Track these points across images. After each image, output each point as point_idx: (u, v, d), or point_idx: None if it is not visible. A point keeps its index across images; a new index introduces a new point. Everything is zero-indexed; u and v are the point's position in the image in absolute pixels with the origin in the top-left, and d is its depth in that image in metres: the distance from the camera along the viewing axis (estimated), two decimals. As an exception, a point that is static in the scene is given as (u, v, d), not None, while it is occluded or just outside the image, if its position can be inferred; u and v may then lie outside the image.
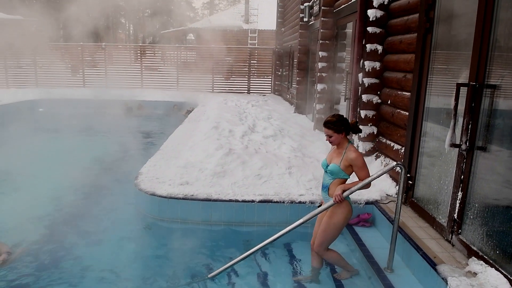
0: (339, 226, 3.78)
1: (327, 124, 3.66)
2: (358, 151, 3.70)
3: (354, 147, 3.74)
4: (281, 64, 17.83)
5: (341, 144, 3.71)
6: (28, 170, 7.72)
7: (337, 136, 3.66)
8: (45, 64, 19.05)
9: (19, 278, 4.14)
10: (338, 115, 3.75)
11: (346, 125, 3.68)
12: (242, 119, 10.08)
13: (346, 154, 3.66)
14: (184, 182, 5.54)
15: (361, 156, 3.67)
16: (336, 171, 3.70)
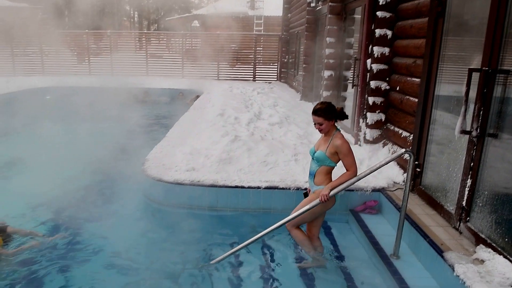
0: (316, 212, 3.82)
1: (318, 111, 3.64)
2: (344, 138, 3.68)
3: (341, 134, 3.73)
4: (287, 51, 17.67)
5: (329, 131, 3.71)
6: (36, 157, 7.75)
7: (327, 123, 3.66)
8: (51, 52, 19.02)
9: (28, 260, 4.19)
10: (327, 102, 3.74)
11: (335, 112, 3.69)
12: (248, 106, 10.02)
13: (332, 141, 3.66)
14: (191, 168, 5.53)
15: (346, 143, 3.66)
16: (322, 158, 3.71)
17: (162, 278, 3.96)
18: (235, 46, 19.24)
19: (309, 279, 3.91)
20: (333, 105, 3.71)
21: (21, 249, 4.29)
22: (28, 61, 19.14)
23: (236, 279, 3.93)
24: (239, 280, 3.91)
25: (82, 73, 18.80)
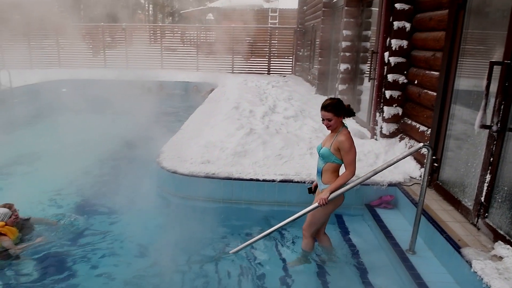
0: (328, 212, 3.78)
1: (327, 107, 3.55)
2: (349, 135, 3.59)
3: (348, 131, 3.64)
4: (302, 44, 17.53)
5: (336, 128, 3.63)
6: (52, 148, 7.88)
7: (336, 119, 3.57)
8: (67, 45, 19.21)
9: (46, 248, 4.28)
10: (336, 98, 3.65)
11: (344, 108, 3.60)
12: (263, 99, 10.00)
13: (337, 137, 3.59)
14: (205, 161, 5.55)
15: (350, 140, 3.56)
16: (326, 154, 3.64)
17: (175, 268, 4.00)
18: (249, 39, 19.16)
19: (324, 273, 3.90)
20: (342, 101, 3.63)
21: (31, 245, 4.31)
22: (44, 54, 19.37)
23: (252, 270, 3.95)
24: (255, 271, 3.93)
25: (98, 66, 18.97)
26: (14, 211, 4.47)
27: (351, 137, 3.59)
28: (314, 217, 3.80)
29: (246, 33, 19.10)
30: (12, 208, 4.47)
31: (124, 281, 3.81)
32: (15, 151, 7.71)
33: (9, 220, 4.37)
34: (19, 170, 6.79)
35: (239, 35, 18.91)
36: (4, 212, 4.36)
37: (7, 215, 4.37)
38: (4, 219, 4.33)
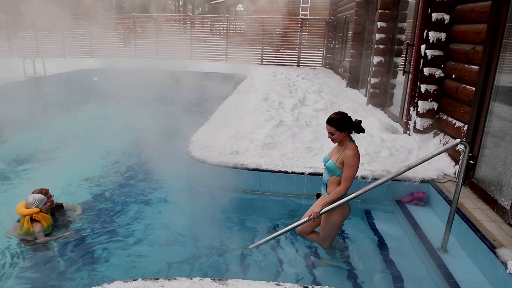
0: (337, 224, 3.81)
1: (330, 121, 3.59)
2: (356, 150, 3.58)
3: (355, 146, 3.62)
4: (334, 36, 17.28)
5: (343, 141, 3.64)
6: (83, 135, 8.06)
7: (339, 134, 3.58)
8: (99, 35, 19.58)
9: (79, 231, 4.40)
10: (342, 113, 3.64)
11: (349, 123, 3.60)
12: (292, 91, 9.92)
13: (344, 151, 3.59)
14: (234, 151, 5.56)
15: (356, 157, 3.55)
16: (332, 168, 3.65)
17: (198, 258, 4.02)
18: (279, 30, 19.01)
19: (351, 267, 3.85)
20: (348, 117, 3.63)
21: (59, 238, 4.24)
22: (77, 43, 19.81)
23: (273, 265, 3.92)
24: (276, 266, 3.89)
25: (128, 56, 19.26)
26: (49, 197, 4.43)
27: (359, 154, 3.59)
28: (326, 231, 3.87)
29: (276, 24, 18.95)
30: (48, 194, 4.43)
31: (147, 268, 3.86)
32: (48, 137, 7.94)
33: (44, 207, 4.31)
34: (51, 155, 6.99)
35: (269, 26, 18.78)
36: (39, 199, 4.29)
37: (42, 201, 4.29)
38: (39, 205, 4.26)
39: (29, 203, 4.25)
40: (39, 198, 4.30)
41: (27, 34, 19.55)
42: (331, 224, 3.79)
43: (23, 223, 4.19)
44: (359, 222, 4.71)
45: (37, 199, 4.28)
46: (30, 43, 19.51)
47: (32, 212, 4.19)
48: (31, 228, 4.17)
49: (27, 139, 7.90)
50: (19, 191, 5.40)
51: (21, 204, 4.31)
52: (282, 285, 2.54)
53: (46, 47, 19.29)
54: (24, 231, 4.18)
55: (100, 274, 3.74)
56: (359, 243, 4.27)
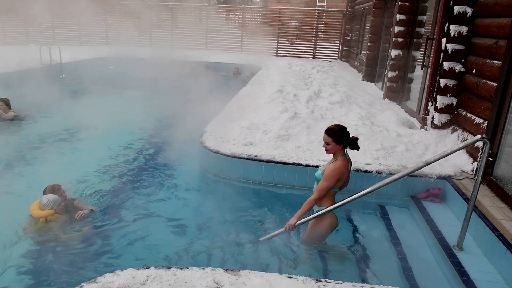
0: (322, 234, 3.85)
1: (329, 131, 3.64)
2: (341, 166, 3.61)
3: (345, 161, 3.66)
4: (350, 29, 17.06)
5: (336, 154, 3.69)
6: (99, 124, 8.09)
7: (334, 145, 3.63)
8: (115, 23, 19.64)
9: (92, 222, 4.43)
10: (341, 126, 3.70)
11: (346, 138, 3.65)
12: (307, 84, 9.82)
13: (330, 164, 3.67)
14: (248, 142, 5.53)
15: (337, 170, 3.59)
16: (318, 178, 3.73)
17: (208, 248, 4.03)
18: (295, 21, 18.83)
19: (362, 263, 3.81)
20: (347, 132, 3.68)
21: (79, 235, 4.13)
22: (92, 31, 19.89)
23: (285, 257, 3.90)
24: (287, 259, 3.87)
25: (143, 45, 19.30)
26: (62, 193, 4.33)
27: (341, 170, 3.61)
28: (310, 238, 3.90)
29: (292, 15, 18.77)
30: (60, 191, 4.32)
31: (159, 257, 3.88)
32: (63, 124, 7.98)
33: (59, 208, 4.18)
34: (66, 142, 7.04)
35: (285, 17, 18.61)
36: (54, 200, 4.15)
37: (56, 202, 4.16)
38: (54, 206, 4.13)
39: (43, 204, 4.10)
40: (53, 199, 4.15)
41: (44, 21, 19.72)
42: (316, 233, 3.84)
43: (36, 222, 4.08)
44: (373, 217, 4.67)
45: (51, 200, 4.13)
46: (47, 30, 19.68)
47: (47, 214, 4.07)
48: (46, 227, 4.06)
49: (43, 126, 7.98)
50: (37, 177, 5.47)
51: (35, 205, 4.16)
52: (294, 277, 2.52)
53: (62, 35, 19.44)
54: (38, 228, 4.07)
55: (113, 262, 3.77)
56: (372, 238, 4.24)
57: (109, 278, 2.40)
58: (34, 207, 4.13)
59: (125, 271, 2.46)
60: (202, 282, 2.40)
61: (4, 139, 7.05)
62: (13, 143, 6.86)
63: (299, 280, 2.49)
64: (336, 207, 3.65)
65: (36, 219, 4.07)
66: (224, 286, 2.39)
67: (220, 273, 2.50)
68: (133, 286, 2.34)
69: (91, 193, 5.07)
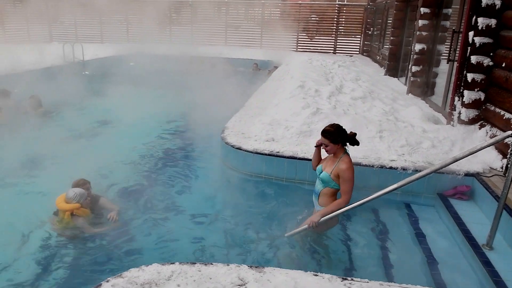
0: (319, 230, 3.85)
1: (325, 133, 3.68)
2: (350, 163, 3.66)
3: (349, 158, 3.70)
4: (372, 23, 16.80)
5: (337, 153, 3.72)
6: (122, 120, 8.20)
7: (333, 146, 3.66)
8: (135, 20, 19.82)
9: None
10: (336, 125, 3.73)
11: (343, 136, 3.69)
12: (329, 79, 9.72)
13: (338, 164, 3.67)
14: (270, 138, 5.50)
15: (351, 169, 3.63)
16: (326, 179, 3.73)
17: (231, 244, 4.02)
18: (315, 16, 18.65)
19: (388, 262, 3.74)
20: (343, 129, 3.71)
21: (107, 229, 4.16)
22: (114, 29, 20.13)
23: (309, 253, 3.87)
24: (312, 256, 3.84)
25: (164, 42, 19.42)
26: (87, 189, 4.31)
27: (352, 166, 3.67)
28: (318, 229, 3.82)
29: (312, 10, 18.59)
30: (86, 185, 4.31)
31: (182, 252, 3.90)
32: (87, 121, 8.13)
33: (85, 202, 4.17)
34: (90, 139, 7.16)
35: (305, 12, 18.44)
36: (80, 193, 4.14)
37: (83, 196, 4.15)
38: (80, 200, 4.12)
39: (69, 198, 4.09)
40: (80, 193, 4.14)
41: (66, 20, 20.06)
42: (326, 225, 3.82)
43: (63, 217, 4.08)
44: (398, 214, 4.58)
45: (78, 193, 4.13)
46: (69, 29, 20.02)
47: (73, 208, 4.07)
48: (71, 222, 4.06)
49: (70, 121, 8.13)
50: (64, 172, 5.54)
51: (61, 198, 4.16)
52: (320, 275, 2.49)
53: (84, 33, 19.74)
54: (64, 224, 4.08)
55: (136, 257, 3.80)
56: (397, 236, 4.16)
57: (135, 273, 2.42)
58: (60, 200, 4.15)
59: (150, 266, 2.47)
60: (227, 278, 2.39)
61: (34, 135, 7.20)
62: (42, 138, 7.02)
63: (325, 278, 2.46)
64: (362, 203, 3.59)
65: (61, 213, 4.09)
66: (249, 283, 2.37)
67: (245, 269, 2.49)
68: (158, 281, 2.35)
69: (115, 188, 5.14)
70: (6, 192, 5.11)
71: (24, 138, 6.96)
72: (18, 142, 6.68)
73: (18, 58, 12.36)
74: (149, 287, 2.30)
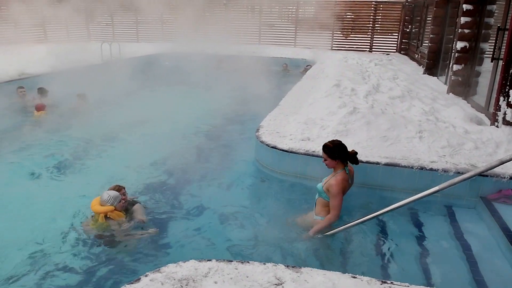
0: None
1: (324, 148, 3.98)
2: (340, 181, 3.85)
3: (343, 175, 3.91)
4: (410, 20, 16.37)
5: (336, 168, 4.00)
6: (155, 118, 8.35)
7: (331, 161, 3.96)
8: (170, 20, 20.13)
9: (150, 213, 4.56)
10: (338, 142, 4.01)
11: (342, 153, 3.94)
12: (365, 78, 9.55)
13: (331, 179, 3.94)
14: (306, 138, 5.45)
15: (339, 186, 3.82)
16: (319, 190, 4.04)
17: (266, 242, 4.00)
18: (351, 14, 18.37)
19: (428, 266, 3.62)
20: (344, 147, 3.98)
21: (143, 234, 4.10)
22: (149, 28, 20.51)
23: (346, 254, 3.82)
24: (349, 256, 3.78)
25: (198, 40, 19.61)
26: (123, 194, 4.29)
27: (342, 184, 3.86)
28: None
29: (348, 8, 18.32)
30: (121, 191, 4.29)
31: (216, 250, 3.91)
32: (120, 119, 8.30)
33: (119, 205, 4.16)
34: (123, 137, 7.30)
35: (340, 10, 18.19)
36: (114, 196, 4.13)
37: (117, 199, 4.13)
38: (114, 203, 4.10)
39: (103, 200, 4.10)
40: (114, 195, 4.14)
41: (104, 20, 20.67)
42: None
43: (97, 220, 4.10)
44: (439, 217, 4.43)
45: (112, 196, 4.12)
46: (107, 28, 20.60)
47: (106, 210, 4.07)
48: (105, 224, 4.07)
49: (103, 120, 8.35)
50: (100, 170, 5.77)
51: (95, 201, 4.18)
52: (358, 277, 2.44)
53: (120, 32, 20.26)
54: (97, 226, 4.09)
55: (172, 253, 3.85)
56: (438, 240, 4.01)
57: (172, 268, 2.45)
58: (94, 203, 4.16)
59: (187, 263, 2.49)
60: (264, 277, 2.38)
61: (75, 133, 7.45)
62: (83, 135, 7.24)
63: (364, 280, 2.41)
64: (399, 206, 3.49)
65: (96, 215, 4.11)
66: (285, 282, 2.35)
67: (282, 269, 2.47)
68: (195, 277, 2.37)
69: (150, 185, 5.22)
70: (48, 187, 5.32)
71: (66, 134, 7.24)
72: (63, 137, 6.99)
73: (66, 56, 12.81)
74: (186, 283, 2.32)
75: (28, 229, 4.20)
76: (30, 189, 5.22)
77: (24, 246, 3.91)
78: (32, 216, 4.50)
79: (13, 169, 5.86)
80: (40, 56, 12.51)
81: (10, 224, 4.36)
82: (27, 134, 7.35)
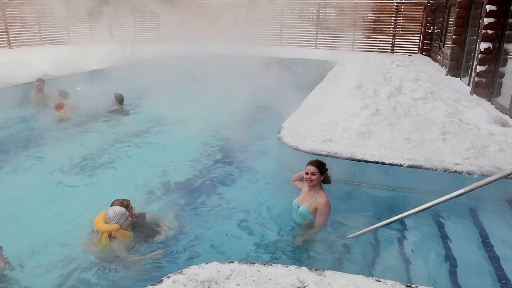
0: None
1: (315, 162, 4.15)
2: (327, 198, 4.01)
3: (325, 193, 4.09)
4: (432, 21, 16.16)
5: (315, 187, 4.12)
6: (178, 118, 8.44)
7: (319, 176, 4.10)
8: (192, 22, 20.30)
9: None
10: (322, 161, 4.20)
11: (326, 170, 4.17)
12: (387, 79, 9.49)
13: (316, 198, 4.05)
14: (327, 139, 5.45)
15: (329, 205, 4.01)
16: (305, 214, 4.11)
17: (289, 244, 4.03)
18: (372, 15, 18.23)
19: (453, 271, 3.60)
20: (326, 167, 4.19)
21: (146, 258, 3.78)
22: (171, 29, 20.71)
23: (369, 257, 3.81)
24: (372, 259, 3.78)
25: (219, 42, 19.71)
26: (130, 210, 3.95)
27: (329, 201, 4.04)
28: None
29: (369, 9, 18.18)
30: (129, 207, 3.94)
31: (240, 252, 3.94)
32: (141, 120, 8.45)
33: (125, 223, 3.80)
34: (148, 136, 7.44)
35: (361, 11, 18.07)
36: (120, 213, 3.77)
37: (123, 216, 3.78)
38: (120, 221, 3.75)
39: (108, 217, 3.74)
40: (119, 212, 3.77)
41: (126, 21, 21.00)
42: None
43: (100, 239, 3.76)
44: (463, 220, 4.39)
45: (117, 213, 3.76)
46: (129, 30, 20.93)
47: (111, 229, 3.72)
48: (109, 245, 3.72)
49: (126, 121, 8.52)
50: (124, 170, 5.90)
51: (100, 217, 3.82)
52: (383, 281, 2.41)
53: (142, 34, 20.56)
54: (101, 247, 3.77)
55: (193, 255, 3.89)
56: (462, 243, 3.98)
57: (195, 270, 2.44)
58: (98, 220, 3.82)
59: (210, 264, 2.48)
60: (286, 280, 2.37)
61: (102, 133, 7.63)
62: (112, 133, 7.46)
63: (388, 284, 2.38)
64: (423, 209, 3.49)
65: (99, 234, 3.79)
66: (308, 285, 2.34)
67: (305, 272, 2.46)
68: (218, 279, 2.36)
69: (171, 186, 5.29)
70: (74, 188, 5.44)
71: (91, 135, 7.44)
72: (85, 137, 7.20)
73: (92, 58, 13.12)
74: (209, 285, 2.31)
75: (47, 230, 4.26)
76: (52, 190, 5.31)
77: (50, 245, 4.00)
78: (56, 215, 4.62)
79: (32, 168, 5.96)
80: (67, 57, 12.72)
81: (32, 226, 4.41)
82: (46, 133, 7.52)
